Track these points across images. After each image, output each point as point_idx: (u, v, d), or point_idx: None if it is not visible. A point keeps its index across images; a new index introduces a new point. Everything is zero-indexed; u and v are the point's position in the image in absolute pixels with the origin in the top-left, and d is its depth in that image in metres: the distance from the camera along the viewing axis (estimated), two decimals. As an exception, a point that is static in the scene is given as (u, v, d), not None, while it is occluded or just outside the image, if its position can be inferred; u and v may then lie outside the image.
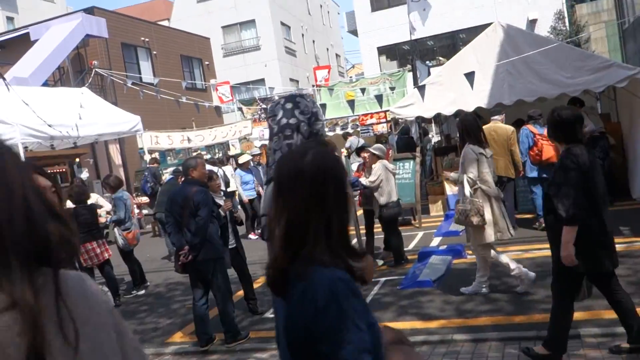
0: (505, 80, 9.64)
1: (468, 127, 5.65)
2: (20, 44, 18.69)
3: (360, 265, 1.54)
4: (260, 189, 11.05)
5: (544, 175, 8.01)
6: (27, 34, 18.87)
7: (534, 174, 8.46)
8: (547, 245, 6.66)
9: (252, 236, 10.98)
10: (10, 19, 34.76)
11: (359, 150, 8.11)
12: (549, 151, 8.06)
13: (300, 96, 2.95)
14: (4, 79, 9.54)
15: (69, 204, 8.02)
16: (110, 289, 7.53)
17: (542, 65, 9.41)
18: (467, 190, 5.57)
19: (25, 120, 10.88)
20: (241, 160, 11.43)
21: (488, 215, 5.52)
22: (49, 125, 10.97)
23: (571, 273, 3.78)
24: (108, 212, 8.37)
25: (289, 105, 2.86)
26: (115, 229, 7.85)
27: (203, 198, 5.27)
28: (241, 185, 11.08)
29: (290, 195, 1.51)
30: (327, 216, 1.49)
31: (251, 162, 11.55)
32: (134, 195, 15.12)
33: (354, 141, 12.20)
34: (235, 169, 11.93)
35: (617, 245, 3.96)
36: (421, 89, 9.68)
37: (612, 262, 3.79)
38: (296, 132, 2.81)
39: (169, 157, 18.96)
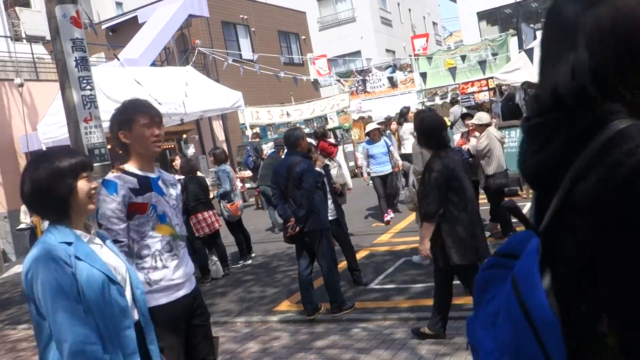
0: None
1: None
2: (129, 27, 19.70)
3: None
4: (397, 161, 9.65)
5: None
6: (135, 17, 19.83)
7: None
8: None
9: (387, 216, 9.48)
10: (119, 4, 36.67)
11: (464, 117, 7.79)
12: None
13: None
14: (119, 60, 10.07)
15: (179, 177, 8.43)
16: (220, 258, 7.83)
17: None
18: (412, 179, 6.54)
19: (136, 99, 11.47)
20: (368, 128, 9.85)
21: None
22: (160, 104, 11.48)
23: (447, 264, 4.05)
24: (212, 186, 8.67)
25: None
26: (221, 202, 8.13)
27: (307, 168, 5.30)
28: (367, 158, 9.58)
29: None
30: None
31: (381, 132, 9.78)
32: (237, 169, 15.63)
33: (457, 111, 11.75)
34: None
35: None
36: (529, 52, 9.14)
37: (479, 255, 4.03)
38: None
39: (269, 132, 19.37)
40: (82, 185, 1.98)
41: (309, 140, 8.15)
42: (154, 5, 19.92)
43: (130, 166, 2.78)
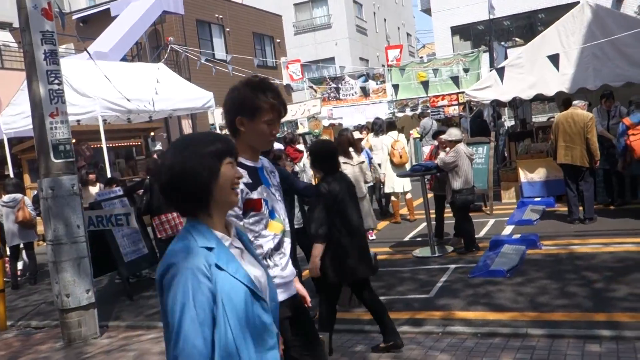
0: (591, 64, 9.13)
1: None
2: (101, 19, 19.37)
3: None
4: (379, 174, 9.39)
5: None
6: (108, 9, 19.51)
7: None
8: (630, 239, 6.31)
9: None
10: (92, -5, 36.05)
11: (436, 135, 7.88)
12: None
13: None
14: (89, 54, 9.87)
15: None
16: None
17: (632, 48, 8.85)
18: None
19: (105, 94, 11.25)
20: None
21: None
22: (128, 100, 11.30)
23: (325, 282, 4.31)
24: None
25: None
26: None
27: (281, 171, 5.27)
28: None
29: None
30: None
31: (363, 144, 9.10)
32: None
33: (427, 123, 11.88)
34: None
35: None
36: (500, 71, 9.31)
37: (360, 272, 4.32)
38: None
39: (238, 134, 19.26)
40: (226, 170, 1.73)
41: (278, 145, 8.19)
42: (128, -2, 19.65)
43: (240, 155, 2.28)
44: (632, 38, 8.70)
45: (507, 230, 8.33)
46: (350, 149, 7.38)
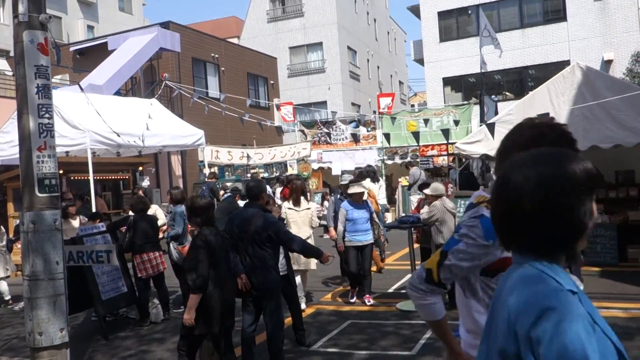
0: (580, 125, 9.24)
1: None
2: (98, 52, 19.52)
3: None
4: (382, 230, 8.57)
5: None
6: (105, 43, 19.68)
7: None
8: (618, 304, 6.26)
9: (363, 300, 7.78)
10: (90, 28, 36.45)
11: (421, 187, 7.88)
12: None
13: None
14: (81, 88, 9.88)
15: (130, 213, 8.19)
16: (161, 301, 7.57)
17: (621, 112, 8.99)
18: None
19: (95, 127, 11.23)
20: (352, 190, 7.70)
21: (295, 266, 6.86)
22: (118, 135, 11.27)
23: (191, 333, 4.53)
24: (162, 227, 8.43)
25: None
26: (171, 243, 7.92)
27: (271, 219, 5.20)
28: (345, 223, 7.63)
29: None
30: None
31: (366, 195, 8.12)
32: (190, 207, 15.35)
33: (416, 172, 11.90)
34: (339, 198, 8.62)
35: None
36: (490, 127, 9.41)
37: (226, 323, 4.62)
38: None
39: (227, 172, 19.22)
40: (594, 209, 1.36)
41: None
42: (126, 34, 19.85)
43: None
44: (622, 102, 8.86)
45: (493, 285, 8.26)
46: (302, 197, 7.58)
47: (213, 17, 36.71)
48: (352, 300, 7.76)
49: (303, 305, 7.24)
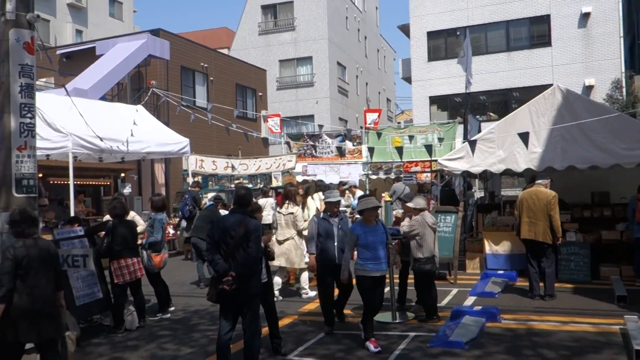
0: (559, 145, 9.42)
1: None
2: (86, 57, 19.44)
3: None
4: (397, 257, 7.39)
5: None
6: (93, 48, 19.63)
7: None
8: (588, 319, 6.35)
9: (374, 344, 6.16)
10: (79, 32, 36.33)
11: (401, 200, 7.95)
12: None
13: None
14: (66, 90, 9.85)
15: (107, 217, 8.13)
16: (137, 308, 7.50)
17: (598, 134, 9.19)
18: None
19: (78, 131, 11.17)
20: (363, 205, 6.32)
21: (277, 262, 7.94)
22: (101, 139, 11.23)
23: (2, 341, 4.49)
24: (141, 234, 8.35)
25: None
26: (146, 251, 7.87)
27: (258, 228, 5.22)
28: (352, 250, 6.37)
29: None
30: None
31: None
32: (171, 215, 15.28)
33: (399, 187, 11.96)
34: (322, 217, 7.15)
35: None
36: (472, 144, 9.53)
37: (43, 334, 4.58)
38: None
39: (210, 182, 19.16)
40: None
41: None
42: (115, 39, 19.83)
43: None
44: (599, 124, 9.04)
45: (469, 301, 8.32)
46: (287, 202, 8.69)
47: (204, 28, 36.70)
48: (375, 349, 6.07)
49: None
